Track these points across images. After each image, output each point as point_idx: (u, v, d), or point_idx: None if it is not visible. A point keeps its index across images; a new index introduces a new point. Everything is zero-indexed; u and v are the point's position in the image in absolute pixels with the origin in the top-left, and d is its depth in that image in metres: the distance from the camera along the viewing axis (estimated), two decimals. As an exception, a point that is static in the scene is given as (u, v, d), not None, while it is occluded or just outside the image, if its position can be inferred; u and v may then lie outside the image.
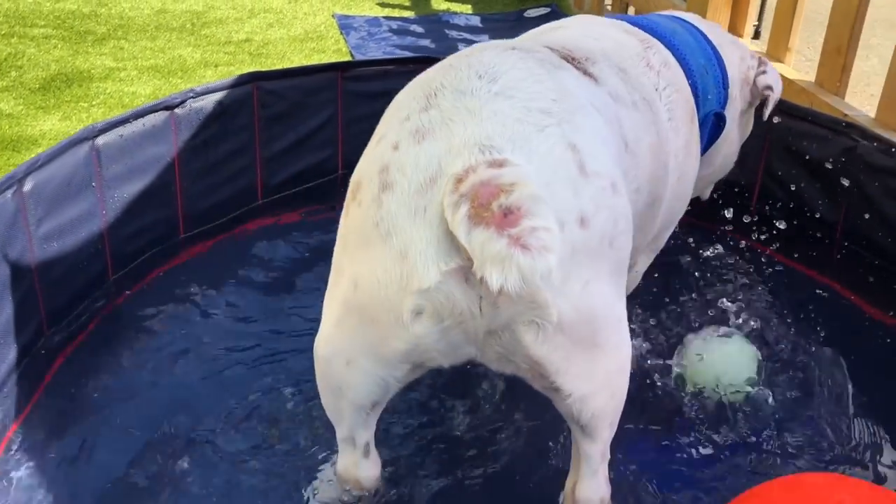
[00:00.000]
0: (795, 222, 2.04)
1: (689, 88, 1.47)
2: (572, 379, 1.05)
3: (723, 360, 1.44)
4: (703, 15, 2.59)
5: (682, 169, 1.43)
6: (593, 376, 1.06)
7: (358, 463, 1.20)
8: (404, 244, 0.95)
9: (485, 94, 1.01)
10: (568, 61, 1.19)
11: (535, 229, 0.87)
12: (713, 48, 1.56)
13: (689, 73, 1.48)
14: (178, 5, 4.10)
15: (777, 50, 2.46)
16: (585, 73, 1.19)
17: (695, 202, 1.62)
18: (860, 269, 1.89)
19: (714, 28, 1.66)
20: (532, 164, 0.94)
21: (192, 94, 1.91)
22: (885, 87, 2.03)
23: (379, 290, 0.98)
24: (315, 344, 1.13)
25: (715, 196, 2.10)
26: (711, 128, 1.55)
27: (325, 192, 2.13)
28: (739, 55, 1.63)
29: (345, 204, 1.06)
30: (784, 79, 2.33)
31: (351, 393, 1.10)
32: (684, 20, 1.60)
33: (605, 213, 1.00)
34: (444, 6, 4.30)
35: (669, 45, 1.48)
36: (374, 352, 1.04)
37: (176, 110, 1.88)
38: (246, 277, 1.84)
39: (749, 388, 1.42)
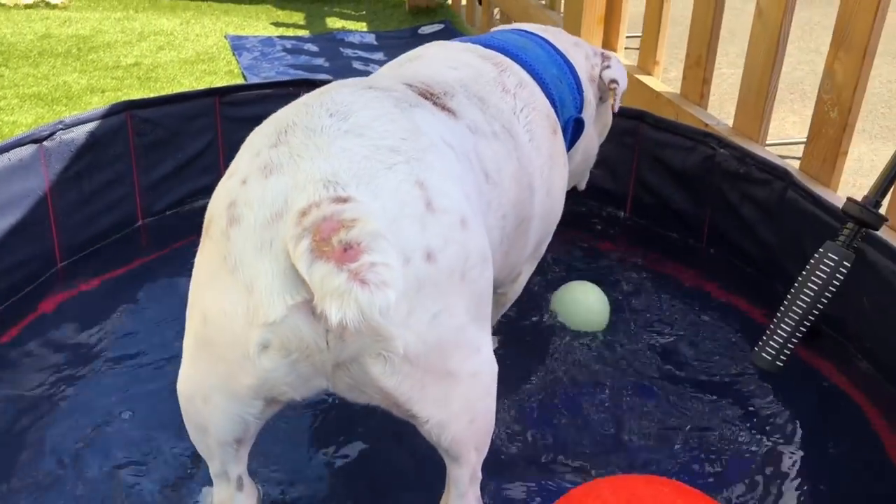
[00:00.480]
0: (666, 229, 2.15)
1: (547, 102, 1.52)
2: (428, 406, 1.07)
3: (580, 301, 1.77)
4: (578, 30, 2.70)
5: (549, 183, 1.49)
6: (449, 403, 1.09)
7: (233, 497, 1.20)
8: (250, 278, 0.96)
9: (334, 132, 1.02)
10: (426, 97, 1.23)
11: (374, 265, 0.88)
12: (562, 56, 1.63)
13: (544, 87, 1.54)
14: (64, 30, 4.01)
15: (646, 63, 2.58)
16: (444, 107, 1.24)
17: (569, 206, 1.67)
18: (725, 271, 2.00)
19: (558, 34, 1.73)
20: (378, 200, 0.97)
21: (61, 126, 1.88)
22: (740, 96, 2.15)
23: (226, 324, 0.99)
24: (178, 382, 1.13)
25: (585, 209, 2.20)
26: (572, 132, 1.62)
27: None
28: (584, 55, 1.72)
29: (201, 238, 1.07)
30: (651, 91, 2.46)
31: (213, 430, 1.10)
32: (530, 32, 1.66)
33: (454, 248, 1.03)
34: (339, 24, 4.33)
35: (522, 63, 1.53)
36: (227, 388, 1.04)
37: (45, 143, 1.85)
38: (131, 310, 1.81)
39: (602, 324, 1.77)
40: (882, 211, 1.51)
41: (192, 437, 1.16)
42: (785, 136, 3.34)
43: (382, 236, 0.91)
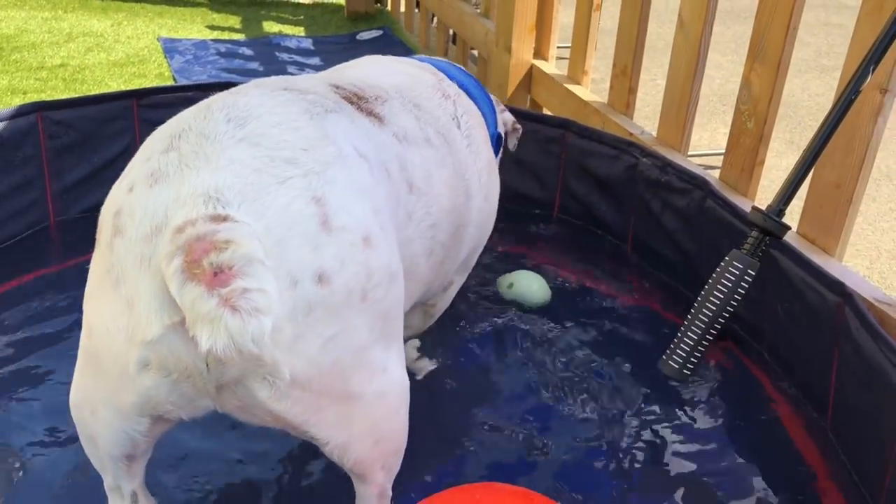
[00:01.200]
0: (591, 237, 2.16)
1: (479, 112, 1.54)
2: (326, 429, 1.03)
3: (522, 282, 1.89)
4: (510, 38, 2.71)
5: (488, 188, 1.48)
6: (351, 425, 1.05)
7: None
8: (131, 294, 0.92)
9: (228, 140, 0.97)
10: (351, 101, 1.19)
11: (246, 290, 0.84)
12: (475, 80, 1.64)
13: (472, 99, 1.56)
14: (-13, 28, 3.88)
15: (574, 73, 2.59)
16: (370, 112, 1.20)
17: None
18: (648, 277, 2.01)
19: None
20: (262, 220, 0.91)
21: (-36, 127, 1.81)
22: (663, 107, 2.17)
23: (108, 339, 0.95)
24: (70, 391, 1.08)
25: (514, 219, 2.19)
26: (495, 148, 1.63)
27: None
28: (490, 95, 1.73)
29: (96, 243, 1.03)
30: (579, 100, 2.47)
31: (101, 443, 1.06)
32: (448, 61, 1.68)
33: (353, 268, 0.97)
34: (275, 29, 4.27)
35: (451, 77, 1.55)
36: (111, 403, 1.00)
37: (-54, 144, 1.77)
38: (36, 318, 1.74)
39: (541, 301, 1.88)
40: (787, 219, 1.53)
41: (85, 448, 1.11)
42: (716, 147, 3.40)
43: (258, 260, 0.86)
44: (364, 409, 1.05)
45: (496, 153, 1.65)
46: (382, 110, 1.23)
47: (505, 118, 1.76)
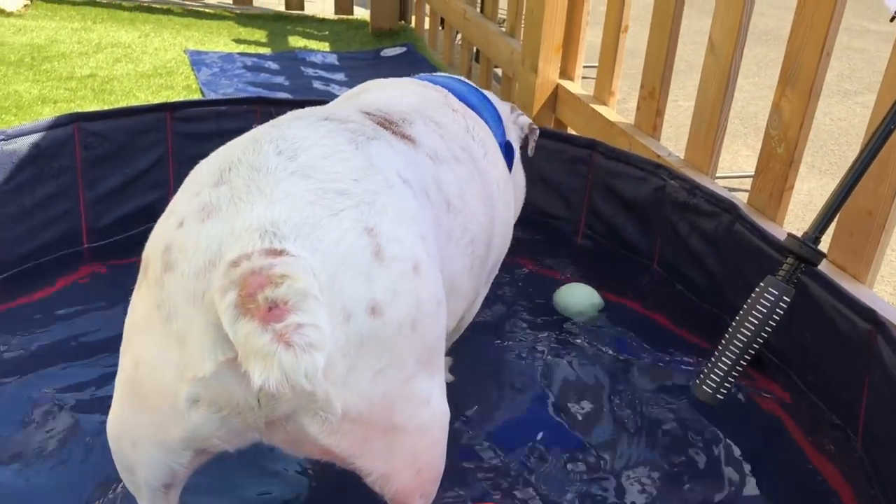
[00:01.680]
0: (617, 258, 2.16)
1: (484, 123, 1.54)
2: (371, 461, 1.03)
3: (573, 296, 1.93)
4: (536, 58, 2.73)
5: (506, 197, 1.49)
6: (394, 457, 1.04)
7: None
8: (183, 330, 0.92)
9: (280, 173, 0.97)
10: (385, 127, 1.20)
11: (300, 325, 0.83)
12: (476, 89, 1.64)
13: (475, 110, 1.55)
14: (18, 38, 3.93)
15: (601, 93, 2.61)
16: (403, 136, 1.21)
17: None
18: (673, 299, 2.01)
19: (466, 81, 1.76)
20: (317, 254, 0.91)
21: (3, 136, 1.83)
22: (691, 129, 2.18)
23: (157, 374, 0.95)
24: (108, 421, 1.08)
25: (540, 237, 2.21)
26: (506, 156, 1.61)
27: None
28: (495, 98, 1.73)
29: (138, 277, 1.02)
30: (605, 121, 2.48)
31: (141, 473, 1.06)
32: (447, 75, 1.68)
33: (405, 299, 0.97)
34: (301, 44, 4.31)
35: (453, 91, 1.54)
36: (156, 437, 1.00)
37: (-15, 153, 1.80)
38: (67, 327, 1.76)
39: (593, 312, 1.93)
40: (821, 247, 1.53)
41: (121, 475, 1.11)
42: (738, 170, 3.41)
43: (313, 296, 0.86)
44: (408, 440, 1.04)
45: (509, 161, 1.64)
46: (412, 132, 1.24)
47: (521, 122, 1.76)
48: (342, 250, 0.93)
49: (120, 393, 1.03)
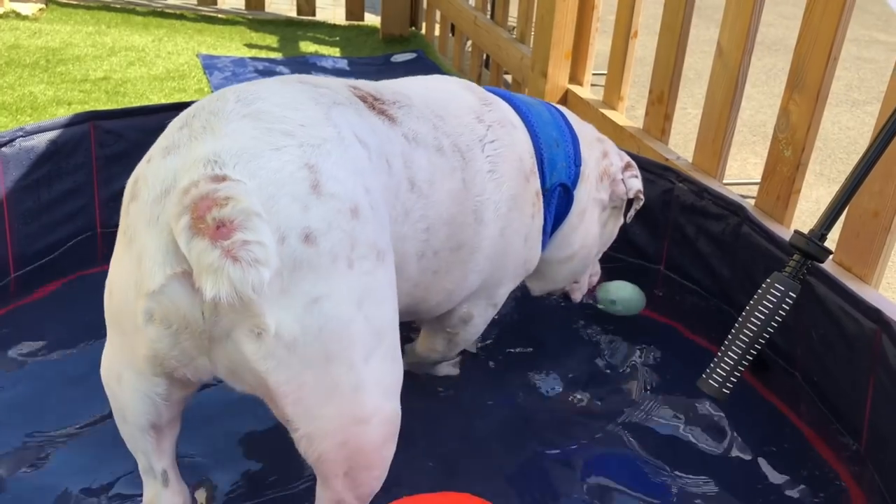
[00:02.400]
0: (625, 259, 2.18)
1: (528, 150, 1.51)
2: (300, 411, 1.05)
3: (618, 289, 1.95)
4: (546, 64, 2.75)
5: (505, 222, 1.45)
6: (321, 416, 1.06)
7: (159, 494, 1.19)
8: (140, 250, 1.01)
9: (233, 116, 1.06)
10: (364, 100, 1.25)
11: (246, 242, 0.92)
12: (569, 127, 1.63)
13: (535, 139, 1.54)
14: (33, 41, 3.98)
15: (610, 98, 2.63)
16: (382, 112, 1.26)
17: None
18: (681, 300, 2.03)
19: (582, 122, 1.73)
20: (255, 179, 0.99)
21: (21, 133, 1.86)
22: (699, 133, 2.20)
23: (122, 295, 1.04)
24: (101, 365, 1.16)
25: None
26: (559, 200, 1.59)
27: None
28: (601, 150, 1.69)
29: None
30: (614, 125, 2.50)
31: (128, 414, 1.13)
32: (550, 104, 1.68)
33: (339, 235, 1.02)
34: (312, 49, 4.35)
35: (521, 113, 1.55)
36: (131, 363, 1.08)
37: (4, 149, 1.83)
38: (85, 322, 1.78)
39: (638, 306, 1.95)
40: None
41: (119, 429, 1.18)
42: (746, 177, 3.42)
43: (255, 214, 0.94)
44: (337, 401, 1.06)
45: (560, 207, 1.59)
46: (396, 113, 1.29)
47: (629, 185, 1.69)
48: (280, 177, 1.00)
49: (107, 330, 1.12)
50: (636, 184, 1.70)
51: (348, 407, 1.07)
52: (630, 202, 1.71)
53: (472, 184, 1.38)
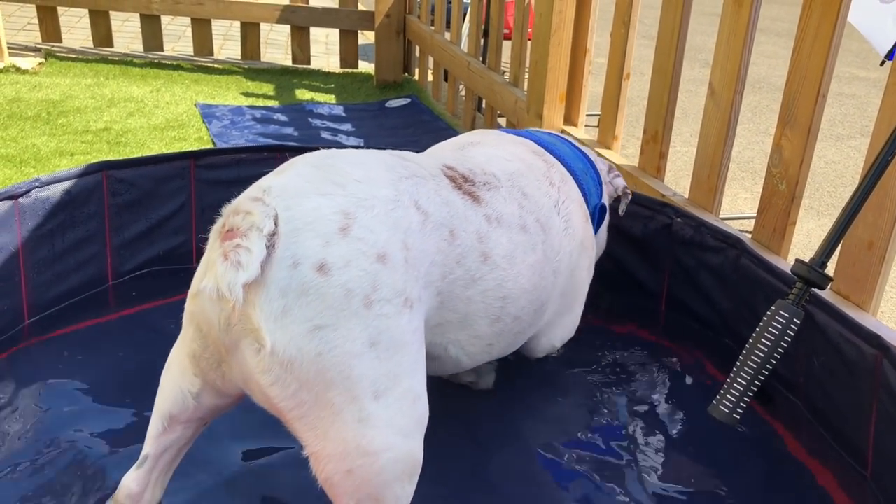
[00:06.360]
0: (625, 294, 2.23)
1: (580, 194, 1.68)
2: (305, 428, 1.10)
3: None
4: (541, 107, 2.83)
5: (576, 264, 1.64)
6: (327, 437, 1.09)
7: (129, 472, 1.27)
8: (204, 261, 1.13)
9: (304, 164, 1.17)
10: (453, 180, 1.36)
11: (238, 247, 1.02)
12: (583, 153, 1.81)
13: (576, 179, 1.70)
14: (34, 94, 4.05)
15: (605, 138, 2.70)
16: (468, 193, 1.36)
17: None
18: (683, 333, 2.07)
19: (574, 141, 1.92)
20: (289, 211, 1.08)
21: (37, 184, 1.91)
22: (695, 169, 2.27)
23: (188, 300, 1.17)
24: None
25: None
26: (599, 217, 1.79)
27: (181, 279, 2.14)
28: (596, 158, 1.90)
29: None
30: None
31: (161, 397, 1.23)
32: (552, 133, 1.84)
33: (357, 273, 1.08)
34: (307, 96, 4.43)
35: (559, 158, 1.70)
36: (179, 357, 1.20)
37: (20, 199, 1.87)
38: (90, 368, 1.81)
39: None
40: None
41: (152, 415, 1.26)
42: (737, 212, 3.50)
43: (258, 228, 1.04)
44: (341, 427, 1.08)
45: (600, 221, 1.81)
46: (484, 195, 1.39)
47: (616, 184, 1.91)
48: (312, 215, 1.09)
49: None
50: (621, 182, 1.92)
51: (353, 436, 1.09)
52: (618, 199, 1.94)
53: (551, 250, 1.50)
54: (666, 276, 2.16)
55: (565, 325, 1.73)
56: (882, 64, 1.56)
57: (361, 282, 1.07)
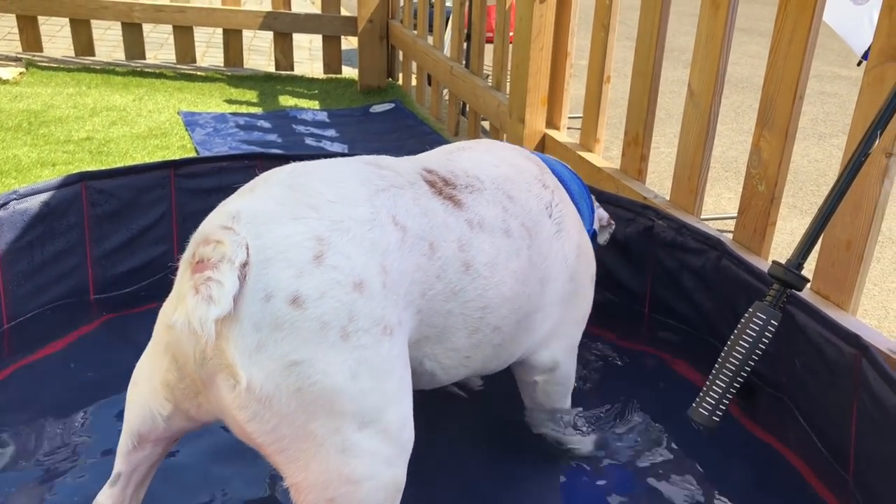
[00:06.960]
0: (608, 298, 2.23)
1: (575, 209, 1.64)
2: (285, 461, 1.07)
3: None
4: (523, 110, 2.83)
5: (574, 269, 1.55)
6: (308, 469, 1.06)
7: (103, 490, 1.24)
8: (176, 288, 1.11)
9: (276, 183, 1.13)
10: (432, 185, 1.30)
11: (209, 279, 0.99)
12: (580, 179, 1.77)
13: (572, 198, 1.65)
14: (14, 104, 4.02)
15: (587, 141, 2.71)
16: (450, 198, 1.31)
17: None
18: (666, 335, 2.08)
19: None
20: (259, 239, 1.04)
21: (15, 196, 1.89)
22: (675, 172, 2.28)
23: (158, 325, 1.16)
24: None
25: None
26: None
27: (162, 288, 2.13)
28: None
29: None
30: (592, 166, 2.58)
31: (129, 415, 1.20)
32: (554, 160, 1.79)
33: (333, 304, 1.04)
34: (291, 102, 4.43)
35: (554, 173, 1.66)
36: (150, 378, 1.16)
37: (-2, 212, 1.86)
38: (72, 379, 1.80)
39: None
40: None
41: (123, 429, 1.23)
42: (721, 212, 3.51)
43: (229, 260, 1.00)
44: (323, 457, 1.06)
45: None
46: (466, 198, 1.34)
47: (600, 214, 1.86)
48: (284, 243, 1.05)
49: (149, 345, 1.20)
50: (604, 212, 1.88)
51: (335, 466, 1.06)
52: (603, 228, 1.89)
53: (537, 255, 1.43)
54: (649, 279, 2.16)
55: (569, 335, 1.62)
56: (859, 64, 1.57)
57: (337, 314, 1.04)
